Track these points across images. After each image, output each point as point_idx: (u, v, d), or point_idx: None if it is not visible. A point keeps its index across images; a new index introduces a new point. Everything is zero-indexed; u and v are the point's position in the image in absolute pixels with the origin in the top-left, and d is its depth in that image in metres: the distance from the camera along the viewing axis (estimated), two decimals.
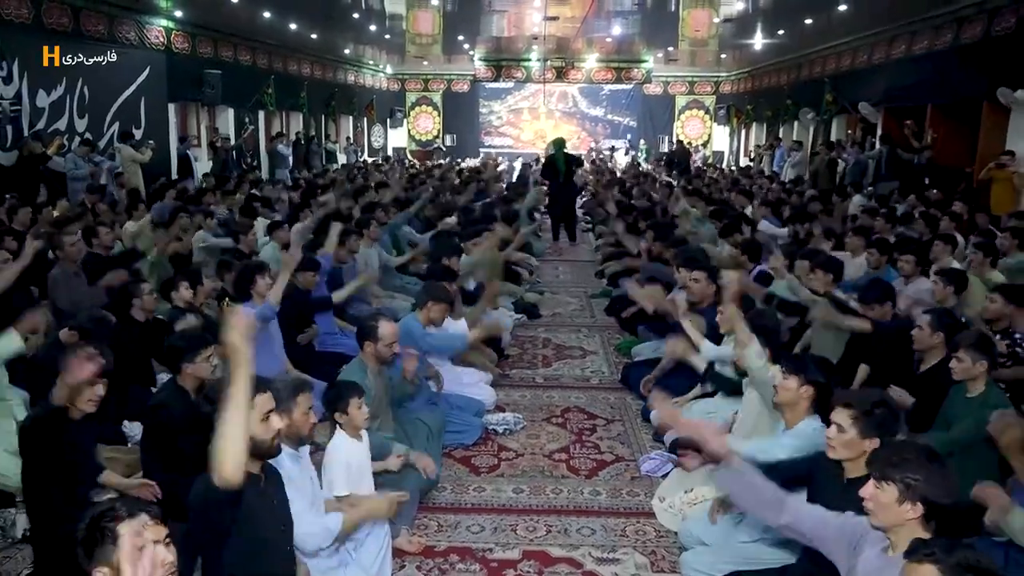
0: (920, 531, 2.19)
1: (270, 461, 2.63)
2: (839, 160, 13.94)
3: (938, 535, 2.27)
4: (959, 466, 3.33)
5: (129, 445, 4.15)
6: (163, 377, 4.98)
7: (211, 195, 10.08)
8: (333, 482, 3.32)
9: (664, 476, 4.23)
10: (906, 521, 2.19)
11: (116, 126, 11.93)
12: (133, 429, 4.20)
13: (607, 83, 24.36)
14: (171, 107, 13.74)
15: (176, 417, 3.33)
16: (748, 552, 3.15)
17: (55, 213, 7.87)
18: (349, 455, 3.39)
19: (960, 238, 7.08)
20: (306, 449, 3.19)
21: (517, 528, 3.79)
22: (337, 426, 3.46)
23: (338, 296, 5.83)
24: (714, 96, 24.46)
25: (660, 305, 5.38)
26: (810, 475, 2.89)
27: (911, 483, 2.16)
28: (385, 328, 4.02)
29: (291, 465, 2.88)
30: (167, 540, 1.89)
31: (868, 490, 2.25)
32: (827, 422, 2.79)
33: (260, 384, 2.49)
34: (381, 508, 3.17)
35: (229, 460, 2.14)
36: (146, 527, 1.85)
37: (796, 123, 17.98)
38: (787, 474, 2.89)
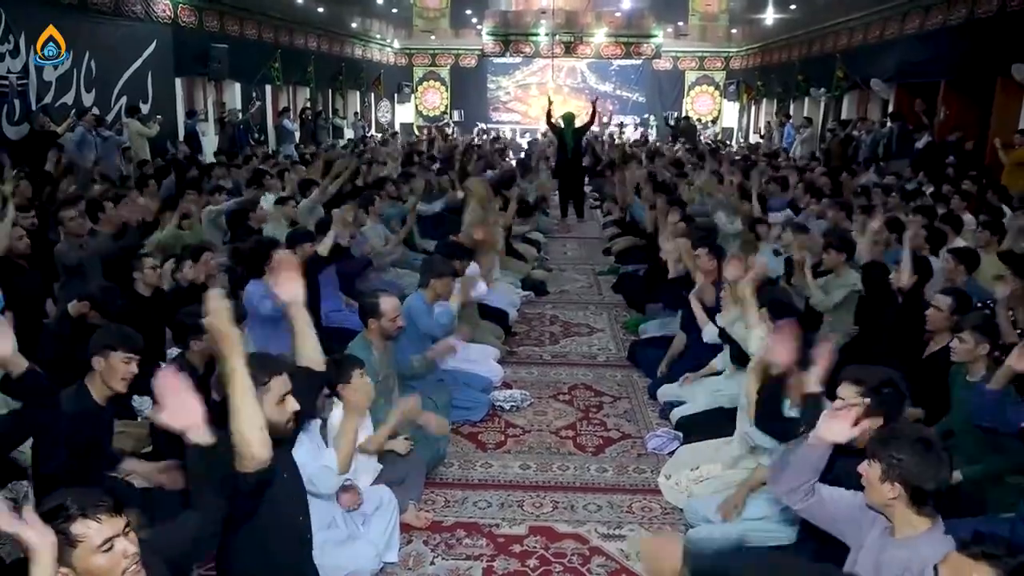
0: (910, 514, 2.18)
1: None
2: (853, 135, 13.78)
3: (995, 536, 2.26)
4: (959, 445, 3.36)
5: (139, 419, 4.18)
6: (171, 352, 5.02)
7: (220, 169, 10.09)
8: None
9: (670, 453, 4.24)
10: (890, 500, 2.19)
11: (124, 100, 11.90)
12: (143, 403, 4.22)
13: (616, 58, 24.10)
14: (178, 81, 13.68)
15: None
16: (753, 529, 3.18)
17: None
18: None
19: (971, 217, 7.02)
20: (315, 423, 3.21)
21: (524, 504, 3.81)
22: (337, 399, 3.48)
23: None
24: (724, 72, 24.17)
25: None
26: None
27: (893, 462, 2.16)
28: (387, 303, 4.03)
29: (303, 439, 2.90)
30: (127, 530, 1.85)
31: (863, 467, 2.26)
32: (833, 398, 2.79)
33: (276, 366, 2.50)
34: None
35: (256, 442, 2.16)
36: (103, 523, 1.80)
37: (807, 99, 17.79)
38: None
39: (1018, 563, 1.70)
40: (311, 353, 2.69)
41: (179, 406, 2.05)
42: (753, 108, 22.80)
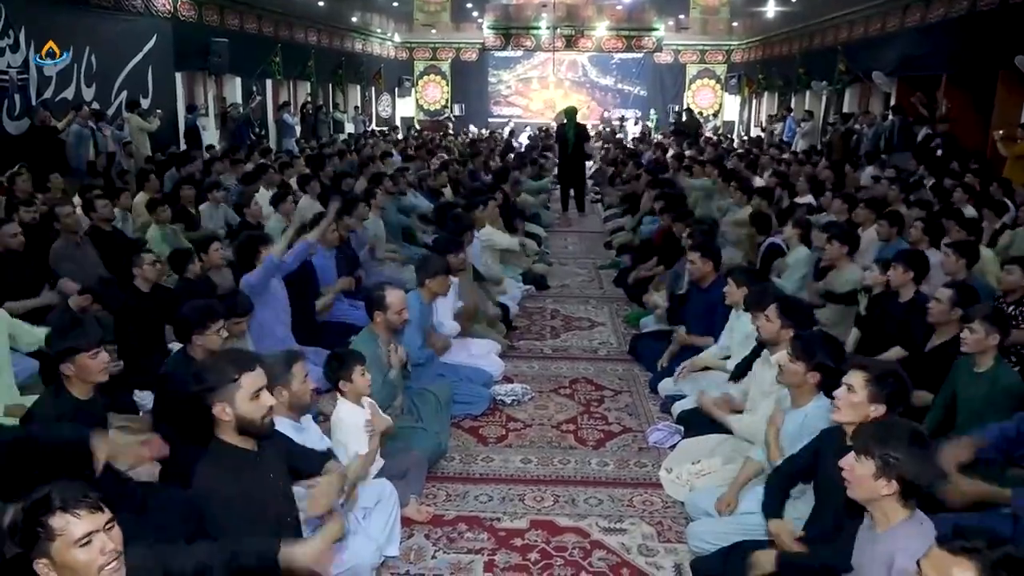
0: (898, 508, 2.21)
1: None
2: (855, 129, 13.75)
3: (932, 511, 2.28)
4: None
5: (140, 414, 4.19)
6: (173, 346, 5.02)
7: (220, 164, 10.09)
8: (348, 444, 3.36)
9: (671, 447, 4.24)
10: (881, 497, 2.20)
11: (124, 95, 11.89)
12: (144, 398, 4.23)
13: (617, 52, 24.08)
14: (178, 76, 13.66)
15: (186, 387, 3.34)
16: (753, 523, 3.17)
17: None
18: (356, 417, 3.43)
19: (973, 210, 7.01)
20: (309, 419, 3.21)
21: (525, 498, 3.82)
22: (340, 395, 3.49)
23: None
24: (725, 65, 24.13)
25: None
26: (816, 452, 2.92)
27: (890, 461, 2.17)
28: (393, 296, 4.04)
29: (294, 436, 2.90)
30: (108, 526, 1.84)
31: (847, 461, 2.27)
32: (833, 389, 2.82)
33: (248, 361, 2.50)
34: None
35: None
36: (82, 518, 1.80)
37: (808, 92, 17.75)
38: (799, 464, 2.94)
39: (999, 555, 1.68)
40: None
41: None
42: (754, 101, 22.75)
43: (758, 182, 9.65)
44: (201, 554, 2.13)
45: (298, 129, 16.73)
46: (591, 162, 14.89)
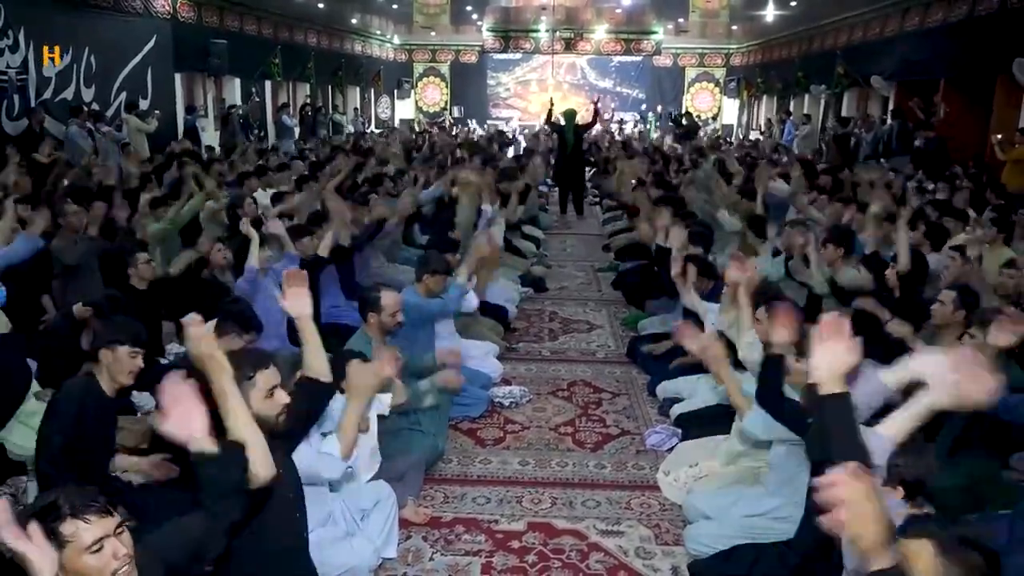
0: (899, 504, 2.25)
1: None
2: (854, 132, 13.76)
3: (937, 514, 2.30)
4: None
5: (139, 415, 4.18)
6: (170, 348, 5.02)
7: (220, 164, 10.07)
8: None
9: (669, 450, 4.24)
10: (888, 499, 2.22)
11: (123, 96, 11.89)
12: (142, 399, 4.22)
13: (616, 55, 24.09)
14: (177, 77, 13.67)
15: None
16: (751, 526, 3.18)
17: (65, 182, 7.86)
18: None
19: (973, 213, 7.01)
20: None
21: (523, 500, 3.82)
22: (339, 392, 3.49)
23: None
24: (724, 68, 24.17)
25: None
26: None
27: (894, 469, 2.20)
28: (387, 298, 4.02)
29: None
30: (119, 531, 1.83)
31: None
32: None
33: (263, 359, 2.50)
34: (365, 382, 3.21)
35: (257, 463, 2.16)
36: (93, 523, 1.78)
37: (807, 96, 17.79)
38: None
39: (953, 534, 1.66)
40: (318, 365, 2.72)
41: (183, 416, 2.03)
42: (753, 105, 22.78)
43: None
44: (188, 532, 2.07)
45: (297, 130, 16.73)
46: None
